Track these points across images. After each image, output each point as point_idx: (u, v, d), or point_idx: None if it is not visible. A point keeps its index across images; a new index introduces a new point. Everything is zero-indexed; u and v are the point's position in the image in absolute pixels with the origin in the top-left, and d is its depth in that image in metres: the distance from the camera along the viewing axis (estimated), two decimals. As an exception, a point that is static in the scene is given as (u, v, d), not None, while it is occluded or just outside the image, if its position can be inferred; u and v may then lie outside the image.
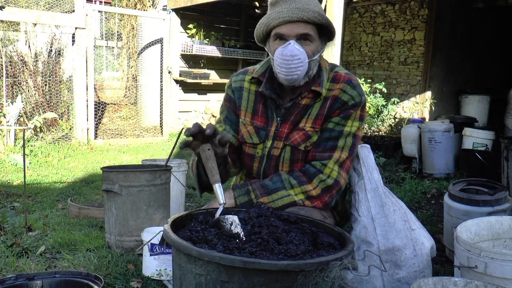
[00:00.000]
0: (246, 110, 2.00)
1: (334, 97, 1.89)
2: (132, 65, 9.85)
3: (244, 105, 2.00)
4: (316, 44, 1.84)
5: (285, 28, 1.80)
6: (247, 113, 2.00)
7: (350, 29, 7.69)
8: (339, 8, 4.60)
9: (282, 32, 1.80)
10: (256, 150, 1.98)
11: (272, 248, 1.38)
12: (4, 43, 6.55)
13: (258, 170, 2.00)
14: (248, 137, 1.99)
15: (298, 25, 1.79)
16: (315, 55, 1.84)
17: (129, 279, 2.34)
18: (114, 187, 2.72)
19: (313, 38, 1.82)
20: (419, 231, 2.02)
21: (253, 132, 1.98)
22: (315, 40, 1.83)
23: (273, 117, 1.94)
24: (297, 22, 1.78)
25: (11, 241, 2.77)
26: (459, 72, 7.23)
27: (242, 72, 2.10)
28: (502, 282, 1.64)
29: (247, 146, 2.01)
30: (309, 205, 1.82)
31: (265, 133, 1.95)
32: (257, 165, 1.99)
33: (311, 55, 1.83)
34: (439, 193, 4.45)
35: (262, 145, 1.96)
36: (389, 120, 6.46)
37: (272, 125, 1.94)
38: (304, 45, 1.81)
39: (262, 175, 1.99)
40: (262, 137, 1.95)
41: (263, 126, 1.96)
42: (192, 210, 1.71)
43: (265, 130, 1.95)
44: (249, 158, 2.01)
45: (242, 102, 2.01)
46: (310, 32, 1.80)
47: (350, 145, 1.88)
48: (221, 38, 8.15)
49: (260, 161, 1.98)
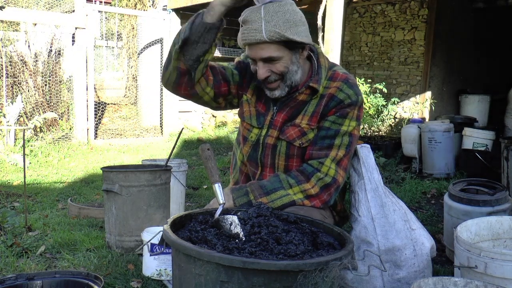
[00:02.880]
0: (254, 90, 2.02)
1: (330, 95, 1.89)
2: (132, 65, 9.85)
3: (253, 86, 2.02)
4: (287, 58, 1.82)
5: (250, 51, 1.82)
6: (254, 95, 2.02)
7: (350, 29, 7.69)
8: (339, 8, 4.60)
9: (249, 55, 1.84)
10: (251, 134, 2.00)
11: (271, 248, 1.38)
12: (4, 43, 6.55)
13: (247, 154, 2.01)
14: (248, 117, 2.01)
15: (260, 47, 1.78)
16: (289, 67, 1.83)
17: (129, 279, 2.34)
18: (114, 187, 2.72)
19: (280, 57, 1.80)
20: (419, 231, 2.02)
21: (254, 114, 2.00)
22: (284, 56, 1.81)
23: (270, 107, 1.96)
24: (257, 44, 1.77)
25: (11, 241, 2.77)
26: (459, 72, 7.23)
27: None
28: (502, 282, 1.64)
29: (244, 125, 2.04)
30: (308, 204, 1.82)
31: (263, 120, 1.97)
32: (247, 150, 2.01)
33: (284, 70, 1.82)
34: (439, 193, 4.44)
35: (258, 131, 1.98)
36: (389, 120, 6.46)
37: (269, 114, 1.96)
38: (272, 65, 1.81)
39: (259, 164, 1.98)
40: (261, 123, 1.97)
41: (263, 112, 1.98)
42: (192, 210, 1.72)
43: (264, 117, 1.97)
44: (243, 139, 2.04)
45: (252, 80, 2.02)
46: (273, 53, 1.78)
47: (346, 144, 1.89)
48: (221, 38, 8.14)
49: (252, 147, 1.99)
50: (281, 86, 1.86)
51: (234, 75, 2.01)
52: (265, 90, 1.90)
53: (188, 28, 1.78)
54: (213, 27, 1.77)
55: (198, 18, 1.78)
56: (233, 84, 2.01)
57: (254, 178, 2.00)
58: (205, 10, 1.79)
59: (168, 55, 1.90)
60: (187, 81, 1.88)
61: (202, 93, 1.94)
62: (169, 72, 1.88)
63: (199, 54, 1.80)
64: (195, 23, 1.77)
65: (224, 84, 1.98)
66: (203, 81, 1.91)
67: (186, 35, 1.76)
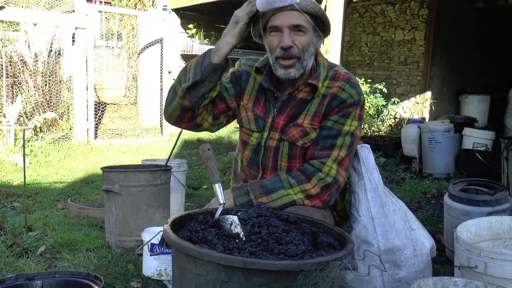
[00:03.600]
0: (250, 96, 2.02)
1: (333, 95, 1.89)
2: (132, 65, 9.85)
3: (249, 90, 2.02)
4: (310, 36, 1.85)
5: (277, 17, 1.81)
6: (250, 99, 2.02)
7: (350, 29, 7.69)
8: (339, 8, 4.60)
9: (276, 24, 1.82)
10: (251, 138, 2.00)
11: (272, 248, 1.38)
12: (4, 43, 6.55)
13: (248, 158, 2.01)
14: (246, 122, 2.01)
15: (291, 14, 1.79)
16: (309, 46, 1.85)
17: (129, 279, 2.34)
18: (114, 187, 2.72)
19: (307, 30, 1.82)
20: (419, 231, 2.02)
21: (252, 119, 2.00)
22: (309, 32, 1.84)
23: (270, 109, 1.96)
24: (289, 11, 1.79)
25: (11, 241, 2.77)
26: (459, 72, 7.23)
27: (252, 59, 2.12)
28: (502, 282, 1.64)
29: (243, 130, 2.03)
30: (308, 204, 1.82)
31: (263, 123, 1.97)
32: (248, 154, 2.01)
33: (306, 46, 1.83)
34: (439, 193, 4.44)
35: (258, 135, 1.98)
36: (389, 120, 6.46)
37: (269, 117, 1.96)
38: (297, 36, 1.82)
39: (260, 167, 1.98)
40: (260, 127, 1.97)
41: (263, 116, 1.98)
42: (192, 210, 1.72)
43: (264, 120, 1.97)
44: (243, 144, 2.04)
45: (247, 86, 2.03)
46: (303, 23, 1.81)
47: (348, 144, 1.89)
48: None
49: (253, 151, 1.99)
50: (297, 66, 1.84)
51: (229, 89, 2.02)
52: (278, 70, 1.86)
53: (198, 70, 1.82)
54: (220, 67, 1.83)
55: (206, 59, 1.83)
56: (229, 99, 2.02)
57: None
58: (212, 49, 1.85)
59: (172, 90, 1.93)
60: (189, 116, 1.93)
61: (201, 121, 1.98)
62: (173, 108, 1.92)
63: (204, 92, 1.85)
64: (203, 64, 1.82)
65: (221, 102, 2.00)
66: (204, 111, 1.95)
67: (198, 78, 1.81)
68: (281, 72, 1.86)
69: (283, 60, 1.84)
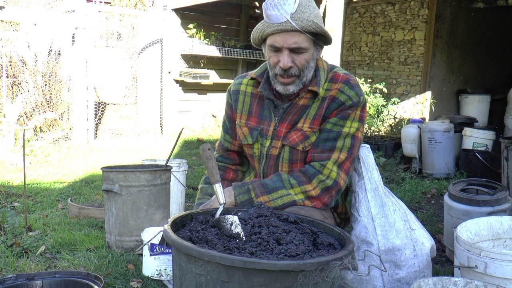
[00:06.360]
0: (242, 113, 2.03)
1: (332, 97, 1.88)
2: (132, 65, 9.84)
3: (240, 108, 2.04)
4: (311, 52, 1.83)
5: (277, 37, 1.78)
6: (243, 115, 2.03)
7: (350, 29, 7.69)
8: (339, 8, 4.60)
9: (276, 44, 1.79)
10: (254, 150, 2.01)
11: (272, 248, 1.38)
12: (4, 43, 6.55)
13: (259, 169, 2.02)
14: (243, 138, 2.03)
15: (291, 34, 1.76)
16: (309, 63, 1.84)
17: (129, 279, 2.34)
18: (114, 187, 2.72)
19: (307, 49, 1.80)
20: (419, 231, 2.02)
21: (247, 133, 2.01)
22: (309, 49, 1.82)
23: (271, 117, 1.95)
24: (288, 32, 1.76)
25: (11, 241, 2.77)
26: (459, 72, 7.23)
27: (242, 75, 2.14)
28: (502, 282, 1.64)
29: (245, 147, 2.05)
30: (309, 205, 1.82)
31: (257, 133, 1.97)
32: (258, 165, 2.03)
33: (305, 64, 1.82)
34: (439, 193, 4.45)
35: (258, 145, 1.99)
36: (389, 120, 6.45)
37: (270, 125, 1.95)
38: (297, 56, 1.80)
39: (262, 175, 2.00)
40: (254, 137, 1.98)
41: (256, 126, 1.98)
42: (192, 210, 1.72)
43: (257, 130, 1.97)
44: (250, 158, 2.06)
45: (238, 105, 2.05)
46: (302, 44, 1.78)
47: (349, 146, 1.88)
48: (221, 38, 8.14)
49: (259, 160, 2.00)
50: (296, 82, 1.85)
51: (229, 118, 2.11)
52: (277, 86, 1.87)
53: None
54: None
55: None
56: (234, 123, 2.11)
57: None
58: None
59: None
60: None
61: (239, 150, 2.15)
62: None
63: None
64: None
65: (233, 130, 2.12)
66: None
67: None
68: (280, 88, 1.87)
69: (282, 78, 1.84)
